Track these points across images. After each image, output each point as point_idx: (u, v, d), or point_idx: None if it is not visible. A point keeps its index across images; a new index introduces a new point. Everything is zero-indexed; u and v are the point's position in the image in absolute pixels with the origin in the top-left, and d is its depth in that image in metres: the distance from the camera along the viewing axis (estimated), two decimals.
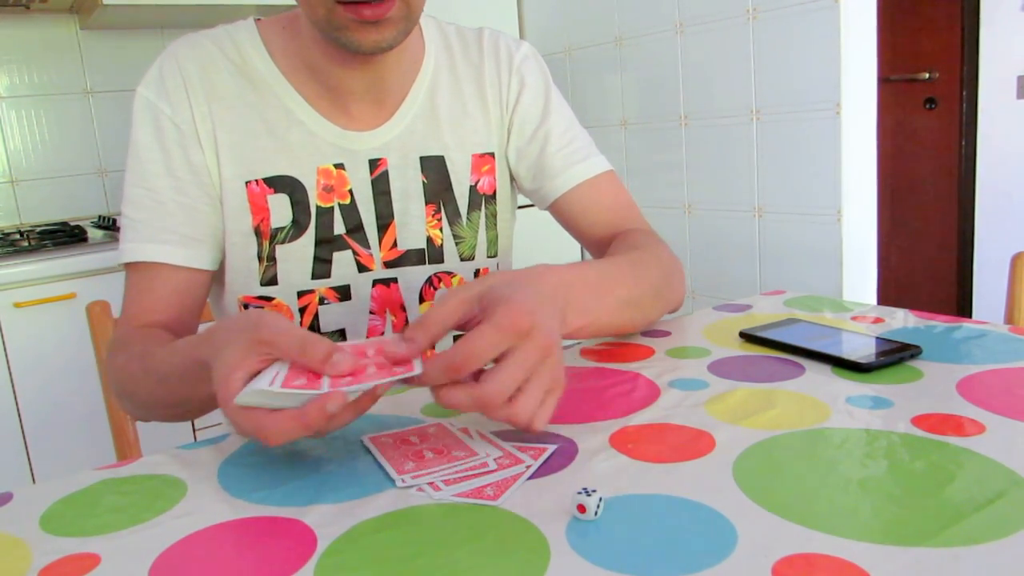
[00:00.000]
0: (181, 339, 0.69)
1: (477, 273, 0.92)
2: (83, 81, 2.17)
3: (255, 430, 0.52)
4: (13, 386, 1.68)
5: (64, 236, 1.86)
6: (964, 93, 2.73)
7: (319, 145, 0.83)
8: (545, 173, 0.92)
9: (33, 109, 2.12)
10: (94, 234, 1.92)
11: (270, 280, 0.83)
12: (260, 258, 0.83)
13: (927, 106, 2.84)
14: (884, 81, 2.81)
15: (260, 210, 0.82)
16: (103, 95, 2.20)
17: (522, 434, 0.59)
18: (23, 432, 1.70)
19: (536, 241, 2.10)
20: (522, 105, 0.92)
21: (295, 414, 0.51)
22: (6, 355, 1.67)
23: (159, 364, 0.69)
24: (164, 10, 1.99)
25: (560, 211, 0.94)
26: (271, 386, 0.50)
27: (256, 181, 0.81)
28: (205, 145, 0.80)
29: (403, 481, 0.52)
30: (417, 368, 0.53)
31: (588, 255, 0.96)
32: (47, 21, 2.12)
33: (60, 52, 2.14)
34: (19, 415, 1.70)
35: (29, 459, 1.71)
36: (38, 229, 1.97)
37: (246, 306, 0.85)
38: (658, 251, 0.84)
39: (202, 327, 0.75)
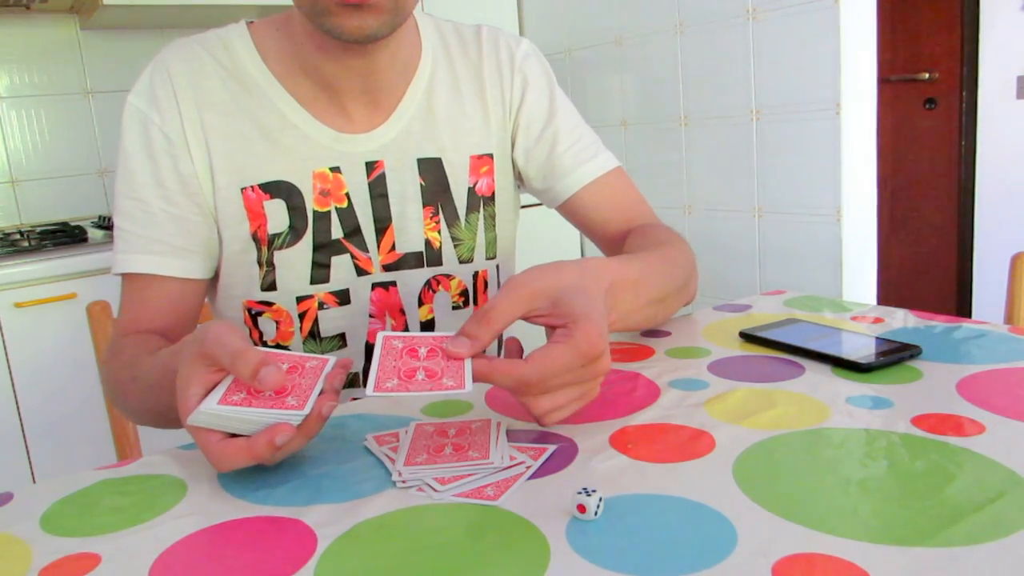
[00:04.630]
0: (165, 348, 0.69)
1: (476, 275, 0.92)
2: (83, 81, 2.17)
3: (206, 454, 0.53)
4: (13, 386, 1.68)
5: (64, 236, 1.86)
6: (964, 93, 2.73)
7: (314, 149, 0.82)
8: (556, 173, 0.92)
9: (33, 109, 2.12)
10: (94, 234, 1.92)
11: (269, 285, 0.83)
12: (260, 263, 0.82)
13: (927, 106, 2.84)
14: (884, 81, 2.81)
15: (257, 216, 0.81)
16: (103, 95, 2.20)
17: (523, 433, 0.59)
18: (23, 432, 1.70)
19: (537, 241, 2.10)
20: (527, 105, 0.92)
21: (243, 444, 0.51)
22: (6, 355, 1.67)
23: (145, 372, 0.70)
24: (164, 10, 1.99)
25: (572, 210, 0.94)
26: (216, 405, 0.51)
27: (252, 187, 0.81)
28: (196, 154, 0.79)
29: (402, 479, 0.52)
30: (468, 386, 0.53)
31: (590, 252, 0.96)
32: (47, 21, 2.12)
33: (60, 52, 2.14)
34: (19, 415, 1.70)
35: (29, 459, 1.71)
36: (38, 229, 1.97)
37: (249, 310, 0.85)
38: (682, 247, 0.84)
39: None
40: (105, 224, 1.98)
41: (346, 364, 0.57)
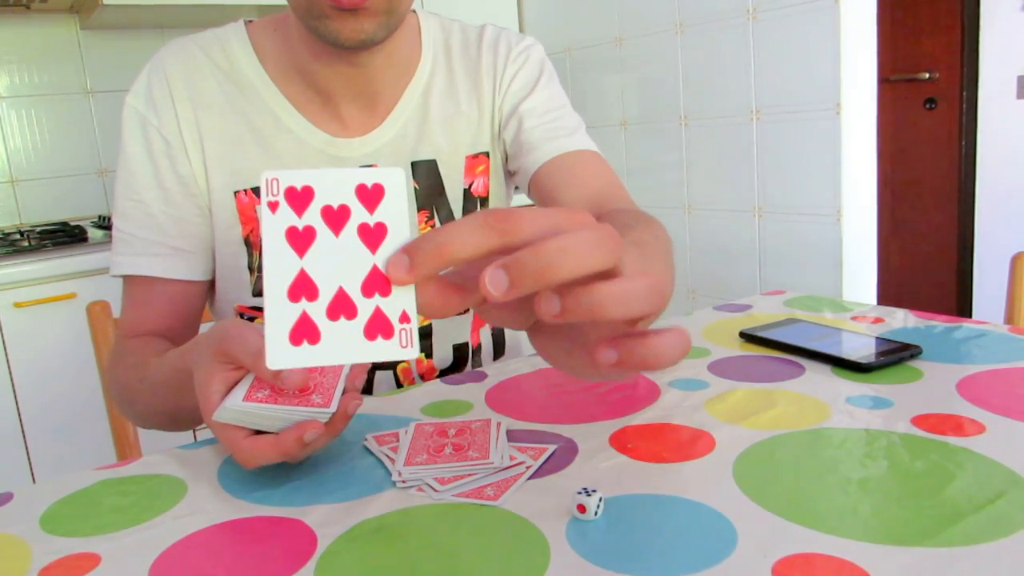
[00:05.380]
0: (173, 349, 0.69)
1: None
2: (83, 81, 2.17)
3: (232, 451, 0.52)
4: (13, 386, 1.68)
5: (64, 236, 1.86)
6: (964, 93, 2.73)
7: (308, 153, 0.81)
8: (523, 149, 0.86)
9: (33, 109, 2.12)
10: (94, 234, 1.92)
11: (262, 291, 0.83)
12: (251, 268, 0.82)
13: (927, 106, 2.84)
14: (884, 81, 2.81)
15: (250, 220, 0.81)
16: (103, 95, 2.20)
17: (523, 433, 0.59)
18: (23, 432, 1.70)
19: None
20: (513, 88, 0.88)
21: (272, 441, 0.51)
22: (6, 355, 1.67)
23: (152, 374, 0.69)
24: (164, 10, 1.99)
25: (538, 189, 0.86)
26: (242, 401, 0.51)
27: (245, 191, 0.80)
28: (192, 155, 0.79)
29: (402, 479, 0.52)
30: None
31: None
32: (47, 21, 2.12)
33: (60, 52, 2.14)
34: (19, 415, 1.70)
35: (29, 459, 1.71)
36: (38, 229, 1.97)
37: (241, 315, 0.85)
38: (656, 231, 0.72)
39: (204, 328, 0.75)
40: (105, 224, 1.98)
41: (365, 364, 0.57)
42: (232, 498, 0.53)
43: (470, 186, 0.89)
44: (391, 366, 0.87)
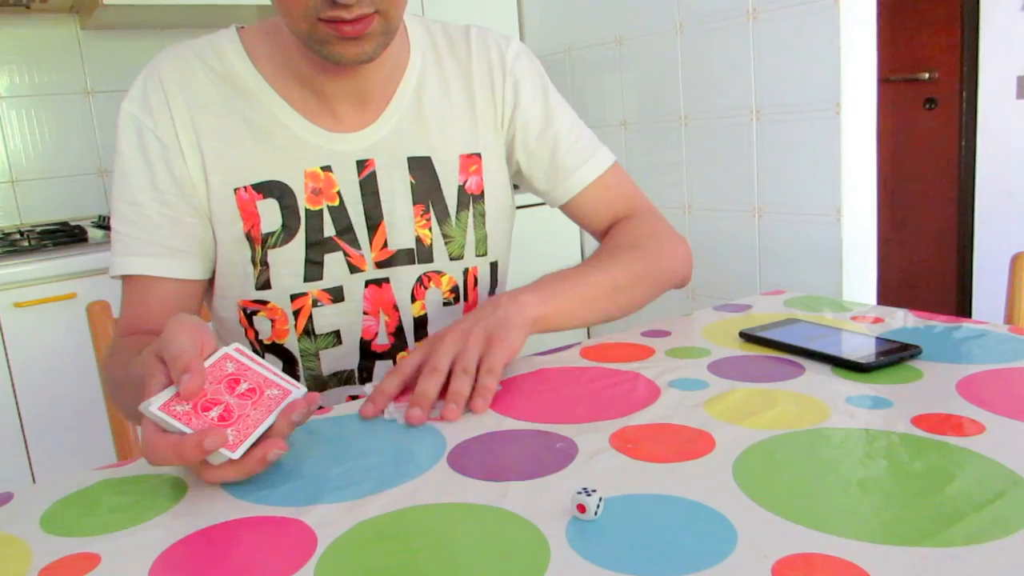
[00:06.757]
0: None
1: (467, 272, 0.92)
2: (83, 81, 2.17)
3: (143, 443, 0.53)
4: (13, 386, 1.68)
5: (64, 236, 1.86)
6: (964, 93, 2.73)
7: (305, 148, 0.83)
8: (558, 174, 0.95)
9: (33, 109, 2.12)
10: (94, 234, 1.92)
11: (264, 284, 0.84)
12: (254, 263, 0.83)
13: (927, 106, 2.84)
14: (884, 81, 2.81)
15: (250, 216, 0.82)
16: (103, 95, 2.20)
17: (523, 433, 0.59)
18: (23, 432, 1.70)
19: (537, 241, 2.10)
20: (522, 107, 0.93)
21: (174, 441, 0.51)
22: (6, 355, 1.67)
23: (135, 371, 0.70)
24: (164, 10, 1.99)
25: (573, 210, 0.98)
26: (158, 409, 0.52)
27: (244, 188, 0.82)
28: (190, 156, 0.81)
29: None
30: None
31: (590, 251, 0.99)
32: (47, 21, 2.12)
33: (60, 52, 2.14)
34: (19, 415, 1.70)
35: (29, 459, 1.71)
36: (38, 229, 1.97)
37: (244, 310, 0.86)
38: (644, 234, 0.92)
39: None
40: (105, 224, 1.98)
41: (312, 399, 0.57)
42: (232, 498, 0.53)
43: (464, 183, 0.91)
44: (391, 356, 0.89)
